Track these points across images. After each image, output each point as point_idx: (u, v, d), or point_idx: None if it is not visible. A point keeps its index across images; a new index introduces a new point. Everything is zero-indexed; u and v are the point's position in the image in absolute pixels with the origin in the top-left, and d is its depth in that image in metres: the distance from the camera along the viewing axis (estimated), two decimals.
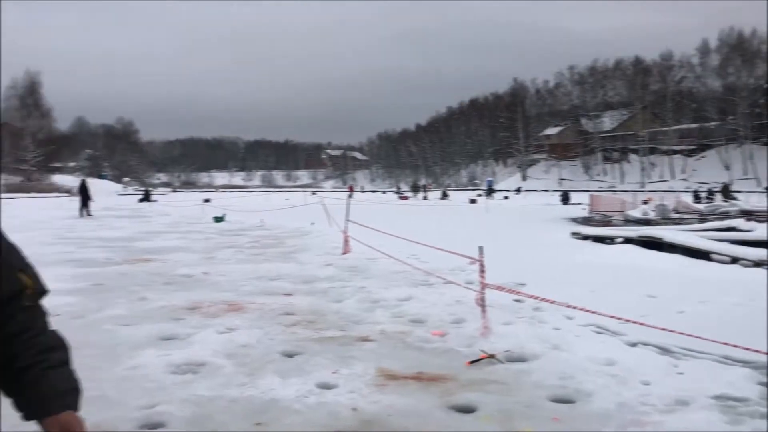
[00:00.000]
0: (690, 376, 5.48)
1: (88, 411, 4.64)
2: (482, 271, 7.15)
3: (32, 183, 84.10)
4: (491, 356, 6.00)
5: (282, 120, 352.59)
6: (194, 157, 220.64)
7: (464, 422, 4.51)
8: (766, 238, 15.28)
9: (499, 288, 7.13)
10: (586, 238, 18.85)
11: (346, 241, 14.63)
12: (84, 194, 32.64)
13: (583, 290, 9.84)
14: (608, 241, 18.07)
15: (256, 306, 8.57)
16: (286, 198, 56.96)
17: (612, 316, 5.84)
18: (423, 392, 5.15)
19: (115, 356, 6.14)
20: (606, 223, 26.09)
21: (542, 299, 6.76)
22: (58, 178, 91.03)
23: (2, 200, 34.99)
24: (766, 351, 4.94)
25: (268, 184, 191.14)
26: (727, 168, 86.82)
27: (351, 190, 73.47)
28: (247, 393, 5.09)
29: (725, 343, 5.18)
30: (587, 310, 6.31)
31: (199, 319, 7.81)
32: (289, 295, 9.47)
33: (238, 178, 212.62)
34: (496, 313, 7.80)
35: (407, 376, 5.56)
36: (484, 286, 7.11)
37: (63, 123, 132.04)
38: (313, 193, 50.91)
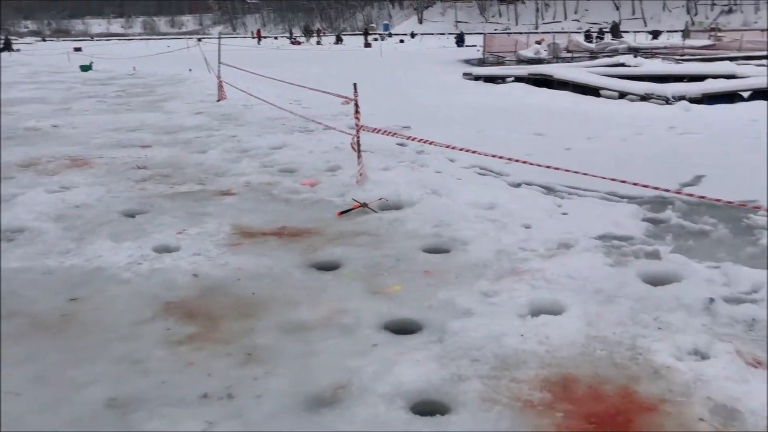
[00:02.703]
0: (574, 216, 5.09)
1: None
2: (357, 111, 6.35)
3: None
4: (363, 205, 5.37)
5: None
6: (64, 2, 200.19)
7: (323, 282, 3.91)
8: (653, 73, 15.23)
9: (377, 130, 6.39)
10: (477, 78, 18.29)
11: (220, 87, 13.34)
12: None
13: (469, 131, 9.32)
14: (499, 80, 17.60)
15: (105, 161, 7.49)
16: (167, 45, 52.79)
17: (494, 156, 5.28)
18: (282, 250, 4.49)
19: None
20: (499, 63, 25.62)
21: (423, 141, 6.10)
22: None
23: None
24: (651, 185, 4.54)
25: (151, 31, 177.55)
26: (617, 8, 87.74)
27: (258, 35, 68.19)
28: (68, 262, 4.25)
29: (612, 179, 4.75)
30: (470, 150, 5.72)
31: (32, 176, 6.71)
32: (147, 147, 8.39)
33: (117, 26, 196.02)
34: (376, 159, 7.14)
35: (267, 233, 4.86)
36: (359, 128, 6.35)
37: None
38: (199, 39, 47.00)
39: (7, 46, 47.45)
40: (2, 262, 4.25)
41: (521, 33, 50.40)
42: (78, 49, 42.62)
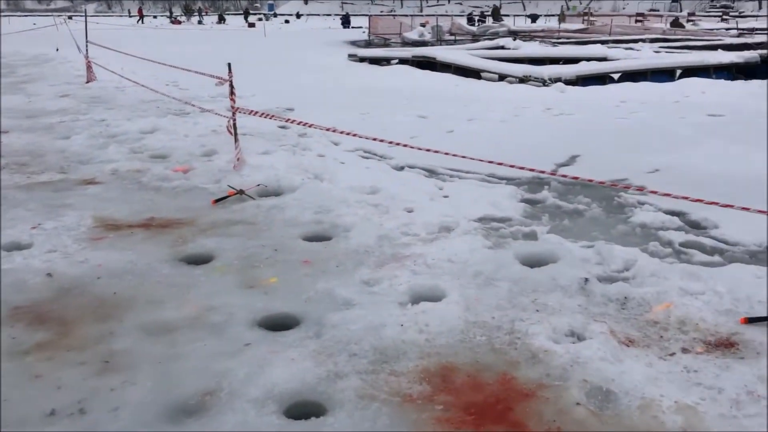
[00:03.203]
0: (454, 199, 5.07)
1: None
2: (232, 93, 6.05)
3: None
4: (240, 192, 5.12)
5: None
6: None
7: (192, 277, 3.65)
8: (531, 56, 15.69)
9: (254, 113, 6.11)
10: (362, 60, 18.19)
11: (89, 68, 12.45)
12: None
13: (353, 114, 9.18)
14: (384, 62, 17.59)
15: None
16: (33, 23, 49.09)
17: (377, 139, 5.16)
18: (149, 243, 4.17)
19: None
20: (384, 45, 25.64)
21: (305, 124, 5.88)
22: None
23: None
24: (528, 167, 4.58)
25: (15, 7, 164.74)
26: None
27: (140, 14, 64.19)
28: None
29: (490, 162, 4.75)
30: (352, 134, 5.57)
31: None
32: (5, 132, 7.65)
33: None
34: (255, 143, 6.87)
35: (133, 225, 4.51)
36: (235, 110, 6.04)
37: None
38: (70, 17, 43.90)
39: None
40: None
41: (406, 15, 50.80)
42: None
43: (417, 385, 2.57)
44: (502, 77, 13.18)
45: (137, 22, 57.90)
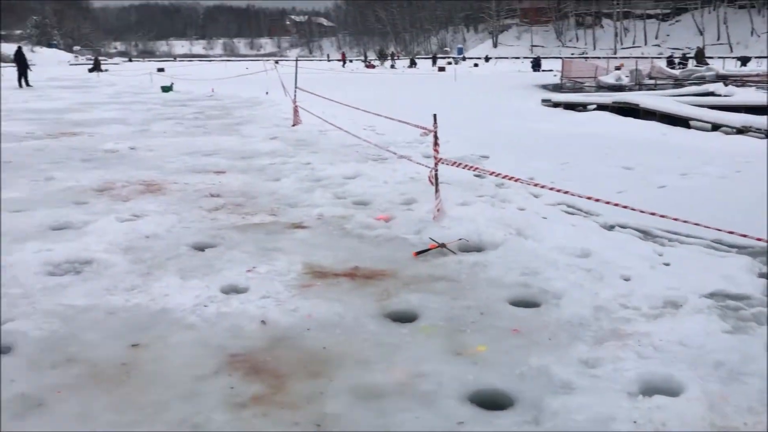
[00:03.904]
0: (678, 268, 4.56)
1: None
2: (436, 143, 6.02)
3: None
4: (442, 246, 5.01)
5: None
6: (151, 25, 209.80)
7: (399, 336, 3.55)
8: (747, 103, 14.31)
9: (455, 164, 6.03)
10: (557, 105, 17.72)
11: (295, 112, 13.29)
12: (20, 63, 30.08)
13: (552, 163, 8.84)
14: (580, 108, 16.99)
15: (179, 186, 7.41)
16: (246, 67, 54.13)
17: (582, 196, 4.80)
18: (355, 294, 4.16)
19: None
20: (578, 89, 24.89)
21: (505, 176, 5.69)
22: (4, 47, 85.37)
23: None
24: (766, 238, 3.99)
25: (230, 52, 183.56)
26: (701, 33, 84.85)
27: (343, 58, 68.81)
28: (133, 300, 4.05)
29: (718, 229, 4.22)
30: (556, 189, 5.28)
31: (106, 202, 6.65)
32: (221, 173, 8.29)
33: (198, 47, 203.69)
34: (453, 192, 6.78)
35: (339, 273, 4.56)
36: (438, 160, 6.01)
37: None
38: (276, 62, 47.97)
39: (96, 67, 49.64)
40: (69, 298, 4.08)
41: (599, 58, 49.21)
42: (161, 70, 44.14)
43: None
44: (715, 127, 12.10)
45: (343, 65, 61.83)
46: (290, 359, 3.29)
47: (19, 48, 32.31)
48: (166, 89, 25.39)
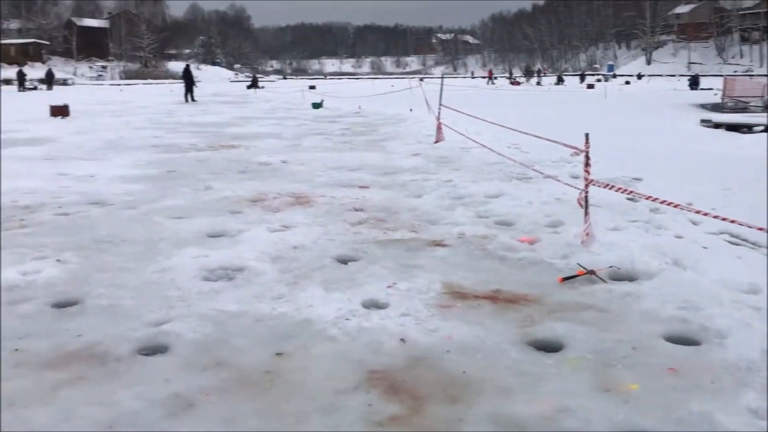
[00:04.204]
0: None
1: (89, 326, 3.94)
2: (587, 164, 5.76)
3: (149, 69, 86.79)
4: (591, 272, 4.76)
5: (391, 3, 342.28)
6: (305, 44, 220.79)
7: (543, 366, 3.38)
8: None
9: (608, 186, 5.73)
10: (717, 126, 16.52)
11: (438, 129, 13.33)
12: (188, 80, 32.68)
13: (713, 188, 8.20)
14: (745, 129, 15.72)
15: (326, 200, 7.63)
16: (391, 85, 55.36)
17: (751, 226, 4.36)
18: (496, 318, 4.04)
19: (152, 255, 5.40)
20: (742, 109, 23.07)
21: (662, 201, 5.32)
22: (173, 65, 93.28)
23: (119, 86, 35.85)
24: None
25: (377, 70, 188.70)
26: None
27: (490, 75, 68.71)
28: (279, 309, 4.18)
29: None
30: (721, 218, 4.85)
31: (259, 213, 6.98)
32: (365, 187, 8.45)
33: (348, 65, 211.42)
34: (604, 216, 6.45)
35: (480, 295, 4.45)
36: (588, 182, 5.74)
37: (177, 10, 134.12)
38: (421, 79, 48.56)
39: (254, 84, 52.87)
40: (222, 303, 4.29)
41: (765, 75, 45.42)
42: (312, 87, 46.16)
43: None
44: None
45: (487, 83, 61.75)
46: (429, 381, 3.23)
47: (187, 66, 35.11)
48: (317, 106, 26.47)
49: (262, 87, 54.45)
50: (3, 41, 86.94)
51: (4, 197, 7.67)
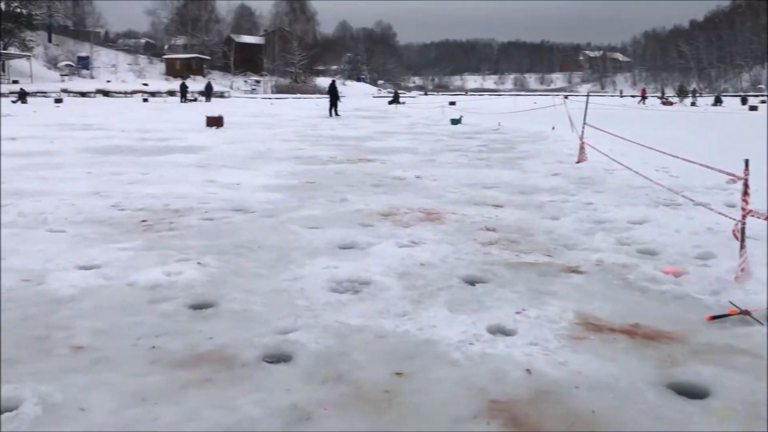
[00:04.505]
0: None
1: (221, 329, 4.09)
2: (746, 192, 5.25)
3: (298, 84, 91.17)
4: (745, 313, 4.30)
5: (538, 20, 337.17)
6: (448, 60, 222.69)
7: (685, 414, 3.07)
8: None
9: None
10: None
11: (581, 149, 12.80)
12: (333, 95, 33.86)
13: None
14: None
15: (457, 217, 7.52)
16: (534, 101, 54.30)
17: None
18: (633, 355, 3.74)
19: (285, 263, 5.56)
20: None
21: None
22: (321, 80, 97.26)
23: (270, 99, 37.80)
24: None
25: (520, 87, 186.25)
26: None
27: (643, 95, 66.14)
28: (402, 327, 4.12)
29: None
30: None
31: (389, 227, 7.00)
32: (499, 206, 8.25)
33: (490, 82, 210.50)
34: (762, 251, 5.84)
35: (616, 329, 4.15)
36: (746, 212, 5.23)
37: (328, 27, 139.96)
38: (566, 97, 47.21)
39: (395, 100, 53.91)
40: (346, 316, 4.31)
41: None
42: (452, 103, 46.38)
43: None
44: None
45: (638, 102, 59.10)
46: (554, 417, 3.03)
47: (333, 82, 36.45)
48: (455, 122, 26.46)
49: (403, 102, 55.37)
50: (170, 56, 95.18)
51: (159, 201, 8.26)
